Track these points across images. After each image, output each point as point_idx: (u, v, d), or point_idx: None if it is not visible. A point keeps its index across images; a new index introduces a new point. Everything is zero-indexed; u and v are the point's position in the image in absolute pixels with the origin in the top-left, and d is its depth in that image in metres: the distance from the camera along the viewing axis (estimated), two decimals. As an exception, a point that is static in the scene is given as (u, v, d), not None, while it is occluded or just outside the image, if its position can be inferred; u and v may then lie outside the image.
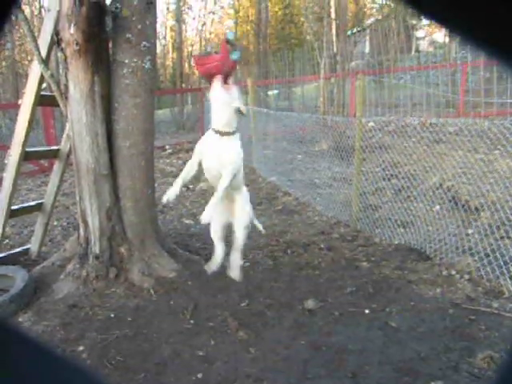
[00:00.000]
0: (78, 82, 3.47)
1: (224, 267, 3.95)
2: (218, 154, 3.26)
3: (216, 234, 3.67)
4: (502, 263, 3.50)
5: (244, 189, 3.67)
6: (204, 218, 3.18)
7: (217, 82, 3.19)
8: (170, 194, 3.33)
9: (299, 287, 3.62)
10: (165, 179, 8.11)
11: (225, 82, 3.22)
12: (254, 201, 4.99)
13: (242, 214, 3.56)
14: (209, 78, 3.28)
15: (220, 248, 3.66)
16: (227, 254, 3.65)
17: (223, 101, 3.22)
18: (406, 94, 12.39)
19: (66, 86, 3.57)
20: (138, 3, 3.53)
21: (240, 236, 3.54)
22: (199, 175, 3.70)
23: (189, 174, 3.47)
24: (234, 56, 3.24)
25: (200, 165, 3.42)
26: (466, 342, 2.77)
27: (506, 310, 3.13)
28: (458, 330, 2.90)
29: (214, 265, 3.65)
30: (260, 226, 3.93)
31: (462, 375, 2.47)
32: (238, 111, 3.24)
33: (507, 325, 2.94)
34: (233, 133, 3.31)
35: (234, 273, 3.57)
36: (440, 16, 0.33)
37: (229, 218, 3.60)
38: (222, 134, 3.26)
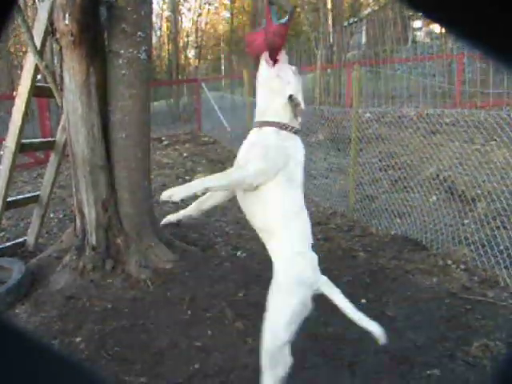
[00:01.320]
0: (73, 72, 3.45)
1: (221, 256, 3.97)
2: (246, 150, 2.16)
3: None
4: (497, 253, 3.52)
5: (294, 272, 2.09)
6: (164, 195, 1.98)
7: (262, 62, 2.18)
8: (174, 216, 2.34)
9: (296, 278, 3.62)
10: (161, 171, 8.09)
11: (273, 59, 2.15)
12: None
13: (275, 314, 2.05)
14: (257, 60, 2.25)
15: None
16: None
17: (270, 87, 2.16)
18: (403, 84, 12.37)
19: (61, 77, 3.55)
20: (133, -7, 3.50)
21: (263, 349, 2.00)
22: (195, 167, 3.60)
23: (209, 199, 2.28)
24: (282, 20, 2.12)
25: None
26: (462, 330, 2.79)
27: (502, 299, 3.15)
28: (453, 319, 2.92)
29: None
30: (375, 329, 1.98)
31: (457, 363, 2.49)
32: (292, 101, 2.10)
33: (502, 314, 2.96)
34: (285, 127, 2.12)
35: None
36: (435, 14, 0.33)
37: None
38: (262, 124, 2.19)
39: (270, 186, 2.04)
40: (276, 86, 2.14)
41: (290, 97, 2.10)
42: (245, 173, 2.01)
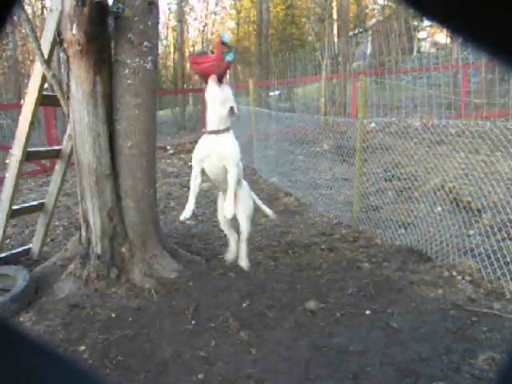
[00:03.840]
0: (79, 82, 3.47)
1: (225, 266, 3.97)
2: (218, 152, 3.40)
3: (224, 227, 3.98)
4: (503, 264, 3.50)
5: (243, 182, 3.81)
6: (228, 212, 3.45)
7: (212, 82, 3.33)
8: (187, 211, 3.50)
9: (300, 288, 3.61)
10: (166, 179, 8.12)
11: (219, 81, 3.34)
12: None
13: (243, 206, 3.67)
14: (204, 77, 3.41)
15: (232, 238, 3.97)
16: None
17: (219, 99, 3.34)
18: (408, 95, 12.39)
19: (68, 86, 3.57)
20: (140, 3, 3.54)
21: (244, 227, 3.68)
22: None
23: (196, 186, 3.59)
24: (229, 57, 3.33)
25: (203, 172, 3.54)
26: (468, 343, 2.76)
27: (508, 311, 3.12)
28: (459, 332, 2.89)
29: (229, 254, 3.99)
30: (268, 211, 4.07)
31: (463, 376, 2.46)
32: (231, 110, 3.38)
33: (509, 326, 2.94)
34: (227, 129, 3.43)
35: (242, 263, 3.82)
36: (441, 17, 0.33)
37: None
38: (218, 132, 3.39)
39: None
40: (222, 99, 3.32)
41: (231, 108, 3.35)
42: (235, 164, 3.43)
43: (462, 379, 2.44)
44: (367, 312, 3.22)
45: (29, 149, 4.06)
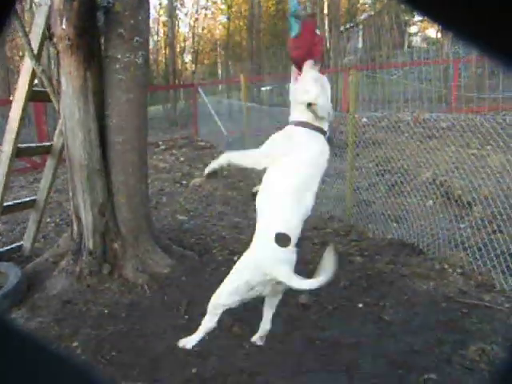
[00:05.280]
0: (70, 77, 3.45)
1: (217, 261, 3.97)
2: None
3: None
4: (493, 257, 3.53)
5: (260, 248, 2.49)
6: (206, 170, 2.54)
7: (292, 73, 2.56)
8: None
9: (293, 282, 3.62)
10: (158, 175, 8.09)
11: (299, 68, 2.50)
12: (249, 197, 4.98)
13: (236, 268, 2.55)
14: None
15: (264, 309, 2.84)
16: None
17: (294, 99, 2.54)
18: (399, 89, 12.42)
19: (59, 82, 3.55)
20: (131, -2, 3.51)
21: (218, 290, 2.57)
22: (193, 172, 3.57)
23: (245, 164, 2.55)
24: (292, 32, 2.41)
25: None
26: (459, 334, 2.79)
27: (498, 303, 3.16)
28: (450, 323, 2.92)
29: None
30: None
31: (454, 367, 2.49)
32: (310, 107, 2.40)
33: (499, 318, 2.97)
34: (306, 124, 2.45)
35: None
36: (433, 12, 0.34)
37: None
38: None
39: (274, 173, 2.42)
40: (297, 97, 2.46)
41: (309, 105, 2.38)
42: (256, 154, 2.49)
43: (453, 370, 2.47)
44: (359, 305, 3.24)
45: (19, 145, 4.03)
